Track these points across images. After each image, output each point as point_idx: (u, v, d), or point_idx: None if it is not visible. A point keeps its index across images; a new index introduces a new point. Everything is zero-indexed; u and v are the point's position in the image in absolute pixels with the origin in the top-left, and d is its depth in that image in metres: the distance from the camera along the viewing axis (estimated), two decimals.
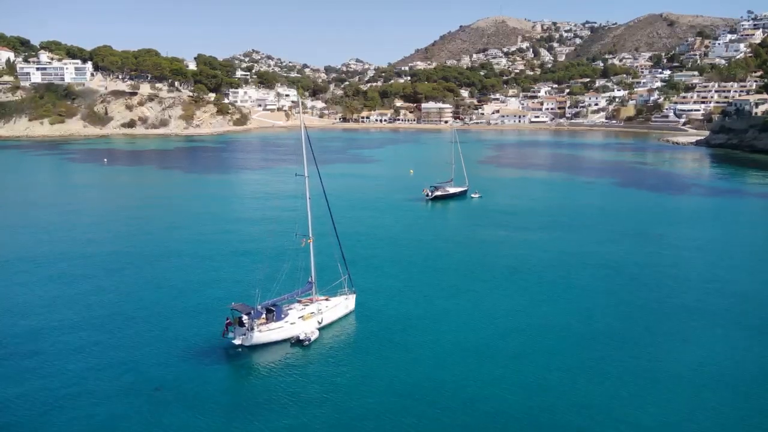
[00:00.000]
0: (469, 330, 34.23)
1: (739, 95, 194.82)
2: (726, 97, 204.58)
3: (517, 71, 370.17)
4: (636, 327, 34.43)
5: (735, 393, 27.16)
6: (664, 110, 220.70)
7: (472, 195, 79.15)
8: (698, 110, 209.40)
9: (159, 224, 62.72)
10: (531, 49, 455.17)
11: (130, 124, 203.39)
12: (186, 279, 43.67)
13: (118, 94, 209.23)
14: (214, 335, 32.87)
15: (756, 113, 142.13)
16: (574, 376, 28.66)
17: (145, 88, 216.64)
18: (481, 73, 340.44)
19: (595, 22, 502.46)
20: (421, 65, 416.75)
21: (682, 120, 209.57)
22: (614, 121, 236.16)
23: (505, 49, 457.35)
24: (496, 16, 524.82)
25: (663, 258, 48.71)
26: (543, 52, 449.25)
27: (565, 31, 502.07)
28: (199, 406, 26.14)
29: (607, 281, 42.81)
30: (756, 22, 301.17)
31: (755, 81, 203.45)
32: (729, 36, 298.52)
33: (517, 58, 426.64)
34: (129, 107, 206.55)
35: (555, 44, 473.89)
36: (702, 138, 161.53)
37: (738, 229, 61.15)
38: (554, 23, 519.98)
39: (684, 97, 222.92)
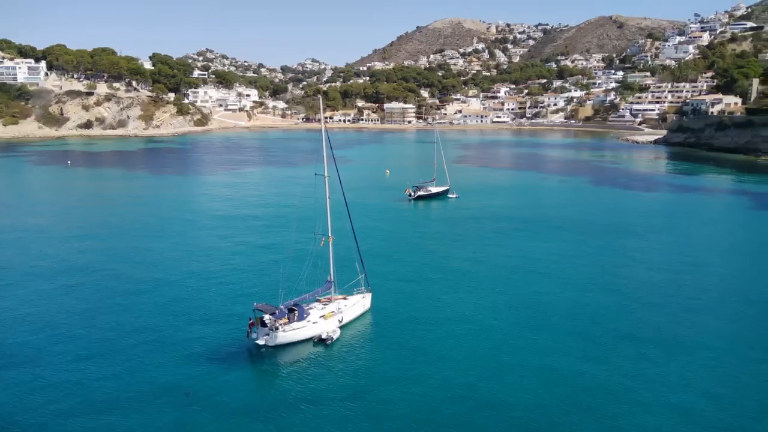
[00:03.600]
0: (481, 325, 34.82)
1: (692, 95, 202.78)
2: (679, 97, 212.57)
3: (474, 72, 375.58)
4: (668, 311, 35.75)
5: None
6: (621, 110, 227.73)
7: (450, 196, 79.87)
8: (653, 110, 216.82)
9: (166, 227, 61.42)
10: (486, 50, 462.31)
11: (87, 124, 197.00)
12: (205, 281, 43.03)
13: (73, 94, 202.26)
14: (238, 336, 32.53)
15: (712, 112, 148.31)
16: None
17: (102, 88, 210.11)
18: (440, 74, 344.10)
19: (548, 24, 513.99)
20: (379, 65, 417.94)
21: (638, 119, 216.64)
22: (573, 121, 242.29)
23: (461, 50, 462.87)
24: (452, 18, 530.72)
25: (645, 253, 50.58)
26: (498, 53, 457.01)
27: (519, 33, 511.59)
28: (229, 409, 25.85)
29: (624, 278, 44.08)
30: (703, 25, 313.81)
31: (706, 81, 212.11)
32: (678, 38, 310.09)
33: (474, 59, 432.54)
34: (85, 108, 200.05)
35: (509, 45, 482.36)
36: (660, 137, 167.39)
37: (708, 223, 64.33)
38: (508, 25, 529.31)
39: (639, 98, 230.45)
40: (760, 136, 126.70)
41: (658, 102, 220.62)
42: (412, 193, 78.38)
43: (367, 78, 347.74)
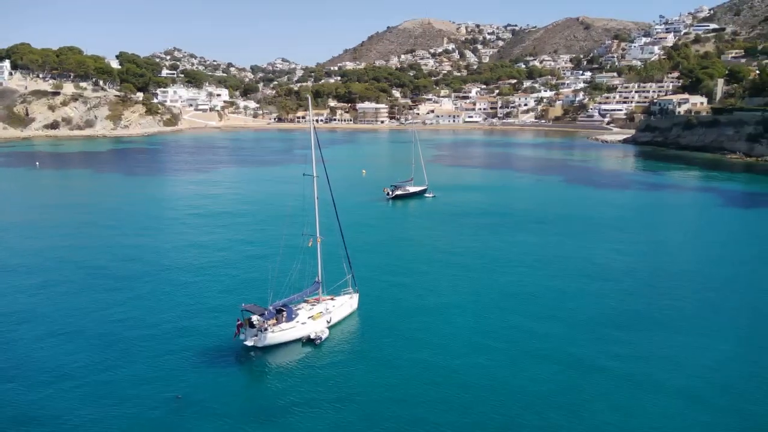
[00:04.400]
0: (466, 322, 35.34)
1: (658, 95, 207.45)
2: (646, 97, 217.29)
3: (445, 72, 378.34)
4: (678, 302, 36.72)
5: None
6: (589, 110, 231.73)
7: (426, 195, 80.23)
8: (621, 110, 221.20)
9: (146, 229, 60.38)
10: (457, 51, 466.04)
11: (54, 125, 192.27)
12: (191, 282, 42.55)
13: (39, 93, 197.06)
14: (226, 338, 32.21)
15: (679, 112, 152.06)
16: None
17: (68, 88, 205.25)
18: (411, 74, 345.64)
19: (516, 25, 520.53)
20: (350, 65, 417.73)
21: (607, 119, 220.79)
22: (543, 121, 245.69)
23: (432, 50, 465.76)
24: (422, 18, 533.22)
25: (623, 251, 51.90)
26: (468, 53, 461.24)
27: (488, 34, 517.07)
28: (221, 411, 25.56)
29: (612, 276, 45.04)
30: (668, 26, 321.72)
31: (671, 82, 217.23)
32: (644, 39, 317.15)
33: (444, 60, 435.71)
34: (52, 108, 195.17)
35: (479, 46, 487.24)
36: (629, 136, 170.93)
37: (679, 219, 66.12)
38: (477, 26, 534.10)
39: (607, 98, 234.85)
40: (726, 135, 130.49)
41: (625, 102, 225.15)
42: (390, 193, 78.53)
43: (339, 78, 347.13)
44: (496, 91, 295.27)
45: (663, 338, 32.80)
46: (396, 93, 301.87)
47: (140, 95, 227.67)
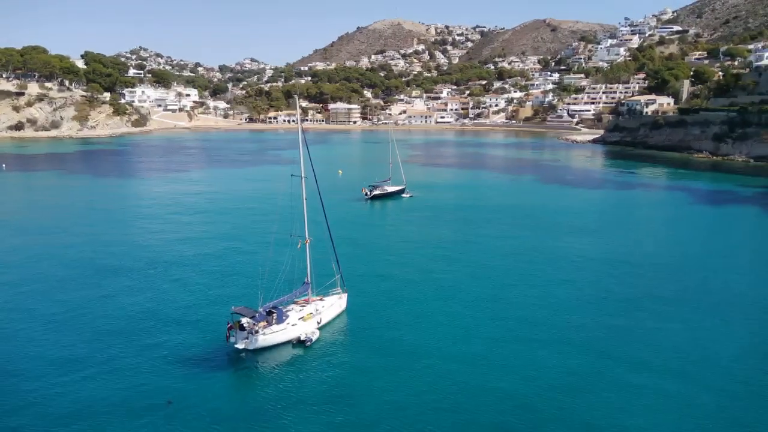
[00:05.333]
0: (452, 317, 35.94)
1: (625, 96, 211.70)
2: (613, 98, 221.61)
3: (416, 72, 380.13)
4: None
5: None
6: (559, 110, 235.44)
7: (404, 195, 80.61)
8: (589, 110, 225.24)
9: (126, 231, 59.42)
10: (427, 52, 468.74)
11: (18, 126, 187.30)
12: (179, 285, 42.08)
13: (3, 94, 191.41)
14: (216, 341, 31.97)
15: (647, 112, 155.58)
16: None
17: (33, 88, 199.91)
18: (381, 74, 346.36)
19: (485, 27, 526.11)
20: (320, 66, 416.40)
21: (575, 120, 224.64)
22: (514, 121, 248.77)
23: (402, 51, 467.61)
24: (392, 19, 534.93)
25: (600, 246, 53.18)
26: (438, 54, 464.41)
27: (458, 35, 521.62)
28: (213, 416, 25.31)
29: (603, 271, 45.98)
30: (633, 28, 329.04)
31: (638, 83, 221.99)
32: (610, 41, 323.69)
33: (414, 60, 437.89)
34: (16, 108, 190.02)
35: (449, 47, 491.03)
36: (598, 136, 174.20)
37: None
38: (447, 27, 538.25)
39: (575, 99, 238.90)
40: (692, 135, 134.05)
41: (593, 103, 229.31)
42: (368, 193, 78.70)
43: (310, 78, 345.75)
44: (467, 92, 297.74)
45: (641, 318, 35.11)
46: (367, 93, 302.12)
47: (107, 95, 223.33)
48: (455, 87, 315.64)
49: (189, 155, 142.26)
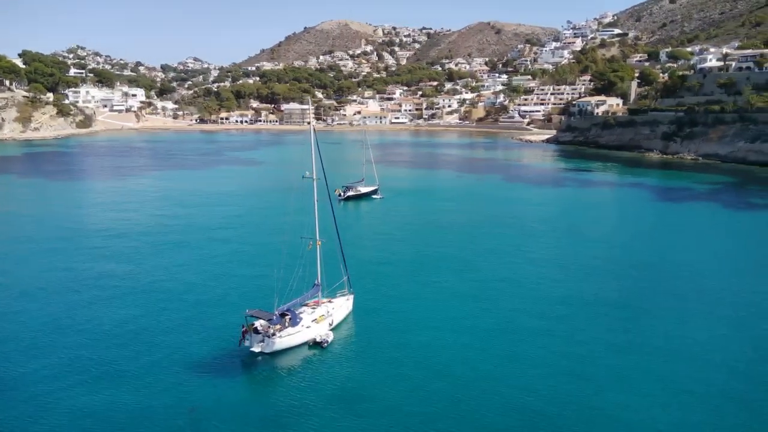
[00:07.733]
0: (448, 313, 37.26)
1: (572, 97, 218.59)
2: (561, 99, 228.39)
3: (365, 73, 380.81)
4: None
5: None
6: (510, 111, 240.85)
7: (374, 196, 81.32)
8: (539, 111, 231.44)
9: (114, 234, 58.12)
10: (375, 53, 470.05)
11: None
12: (190, 289, 41.80)
13: None
14: (229, 345, 31.96)
15: (597, 113, 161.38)
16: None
17: None
18: (331, 75, 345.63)
19: (431, 29, 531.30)
20: (268, 66, 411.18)
21: (526, 120, 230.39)
22: (467, 122, 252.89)
23: (350, 52, 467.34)
24: (340, 19, 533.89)
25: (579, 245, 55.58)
26: (386, 55, 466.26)
27: (405, 36, 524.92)
28: (237, 421, 25.32)
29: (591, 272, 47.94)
30: (575, 31, 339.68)
31: (583, 84, 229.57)
32: (554, 44, 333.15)
33: (363, 61, 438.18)
34: None
35: (396, 48, 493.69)
36: (551, 136, 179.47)
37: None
38: (394, 28, 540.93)
39: (525, 100, 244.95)
40: (642, 134, 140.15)
41: (542, 104, 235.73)
42: (342, 194, 79.06)
43: (258, 78, 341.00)
44: (419, 93, 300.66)
45: (604, 312, 37.12)
46: (319, 94, 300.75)
47: (50, 96, 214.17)
48: (406, 88, 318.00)
49: (142, 156, 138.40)
